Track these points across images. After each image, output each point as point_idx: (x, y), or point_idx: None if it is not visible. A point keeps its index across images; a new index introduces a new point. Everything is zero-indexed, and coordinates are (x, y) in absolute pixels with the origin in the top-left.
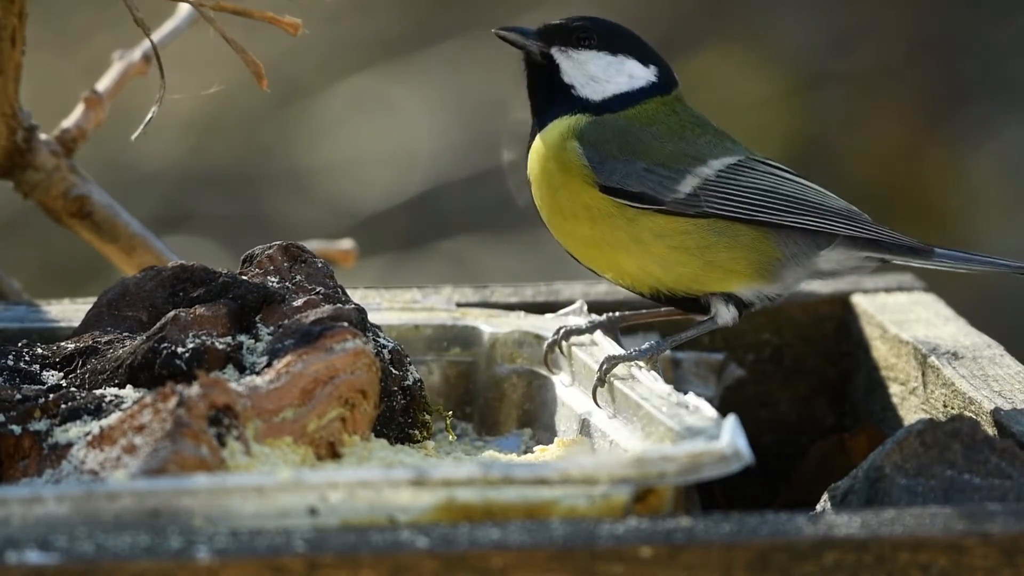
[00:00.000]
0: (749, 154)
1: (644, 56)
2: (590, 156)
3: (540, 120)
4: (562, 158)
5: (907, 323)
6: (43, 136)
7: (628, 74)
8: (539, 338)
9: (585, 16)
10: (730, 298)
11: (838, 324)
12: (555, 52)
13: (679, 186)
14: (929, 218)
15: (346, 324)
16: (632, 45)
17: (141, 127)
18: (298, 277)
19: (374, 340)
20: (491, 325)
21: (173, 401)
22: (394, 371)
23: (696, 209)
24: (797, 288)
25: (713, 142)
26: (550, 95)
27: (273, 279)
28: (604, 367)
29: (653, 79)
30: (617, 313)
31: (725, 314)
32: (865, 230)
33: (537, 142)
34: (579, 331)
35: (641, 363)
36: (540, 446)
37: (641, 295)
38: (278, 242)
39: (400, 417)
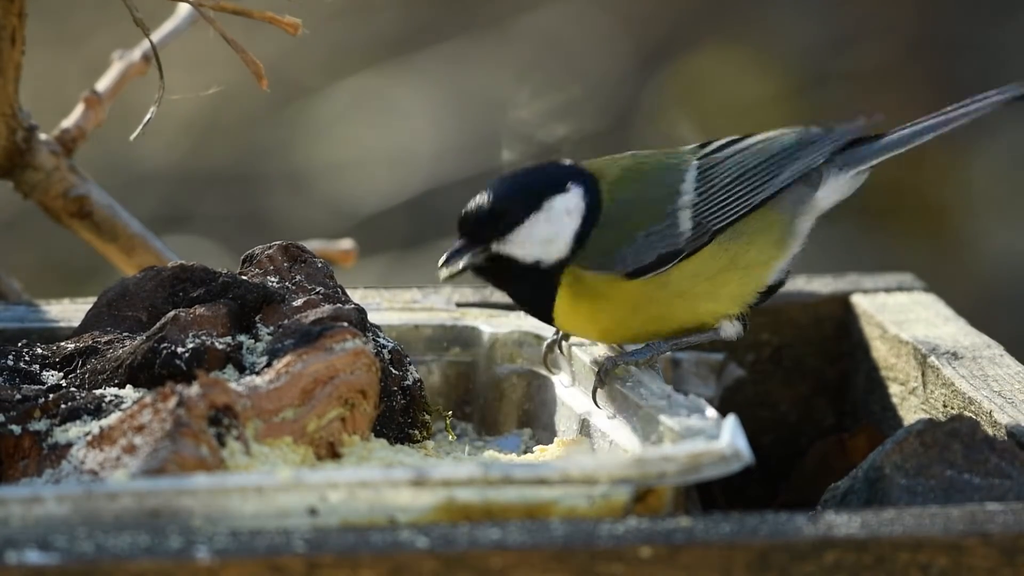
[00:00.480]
0: (688, 155)
1: (556, 183)
2: (601, 266)
3: (533, 297)
4: (586, 290)
5: (907, 323)
6: (43, 136)
7: (565, 212)
8: (539, 338)
9: (490, 193)
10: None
11: (838, 324)
12: (496, 248)
13: (680, 227)
14: (929, 218)
15: (346, 324)
16: (542, 185)
17: (140, 127)
18: (298, 277)
19: (374, 340)
20: (491, 325)
21: (173, 401)
22: (394, 371)
23: (708, 234)
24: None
25: (664, 175)
26: (521, 277)
27: (273, 279)
28: (604, 368)
29: (581, 188)
30: None
31: (729, 328)
32: (832, 141)
33: (558, 313)
34: None
35: (641, 363)
36: (540, 446)
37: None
38: (278, 242)
39: (400, 417)
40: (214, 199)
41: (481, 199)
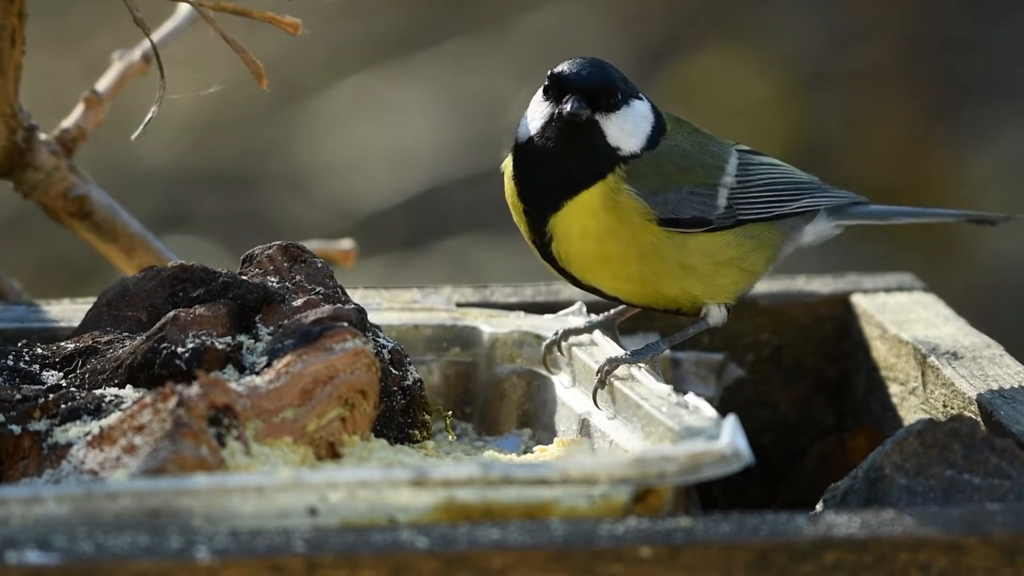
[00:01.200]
0: (728, 143)
1: (638, 92)
2: (645, 196)
3: (566, 178)
4: (617, 208)
5: (907, 323)
6: (43, 136)
7: (643, 116)
8: (539, 338)
9: (596, 66)
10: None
11: (838, 324)
12: (600, 119)
13: (718, 201)
14: None
15: (346, 324)
16: (630, 86)
17: (141, 127)
18: (298, 277)
19: (374, 340)
20: (491, 325)
21: (173, 401)
22: (394, 371)
23: (732, 219)
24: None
25: (717, 148)
26: (590, 156)
27: (273, 279)
28: (604, 369)
29: (652, 111)
30: (613, 311)
31: (717, 314)
32: (835, 196)
33: (574, 206)
34: (577, 331)
35: (641, 364)
36: (540, 446)
37: (651, 309)
38: (278, 242)
39: (400, 417)
40: (214, 199)
41: (594, 71)
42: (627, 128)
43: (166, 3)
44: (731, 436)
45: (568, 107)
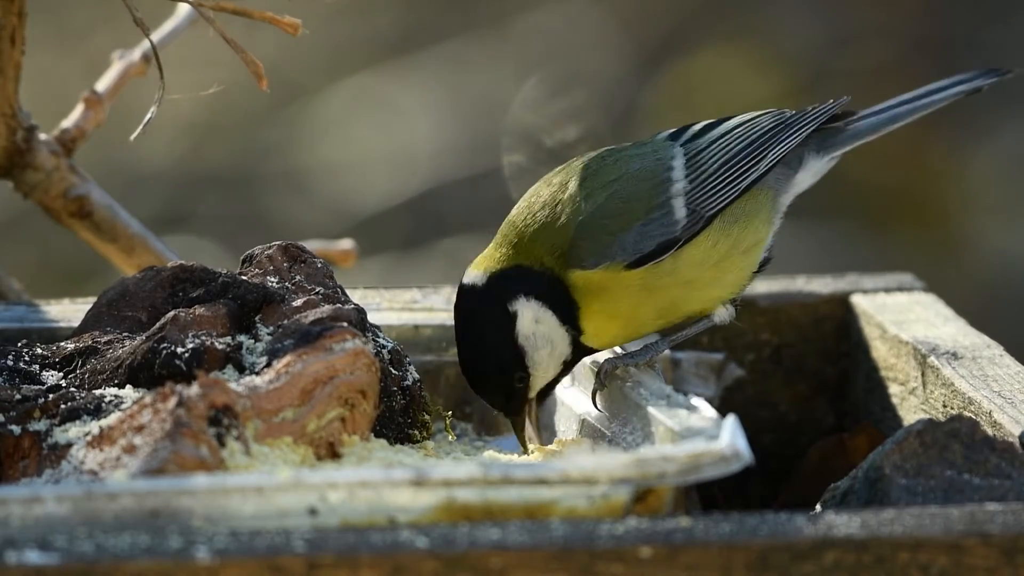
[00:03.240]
0: (667, 143)
1: (502, 320)
2: (601, 259)
3: (574, 354)
4: (594, 290)
5: (907, 323)
6: (43, 136)
7: (535, 320)
8: None
9: (475, 372)
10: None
11: (838, 324)
12: (529, 381)
13: (676, 215)
14: (929, 218)
15: (345, 324)
16: (497, 338)
17: (140, 127)
18: (298, 277)
19: (374, 340)
20: None
21: (173, 401)
22: (393, 371)
23: (702, 220)
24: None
25: (651, 164)
26: (569, 364)
27: (273, 279)
28: (604, 370)
29: (522, 294)
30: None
31: (723, 313)
32: (810, 122)
33: (584, 324)
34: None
35: (641, 364)
36: (539, 446)
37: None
38: (278, 242)
39: (400, 417)
40: (214, 199)
41: (481, 390)
42: (543, 358)
43: (166, 3)
44: (731, 436)
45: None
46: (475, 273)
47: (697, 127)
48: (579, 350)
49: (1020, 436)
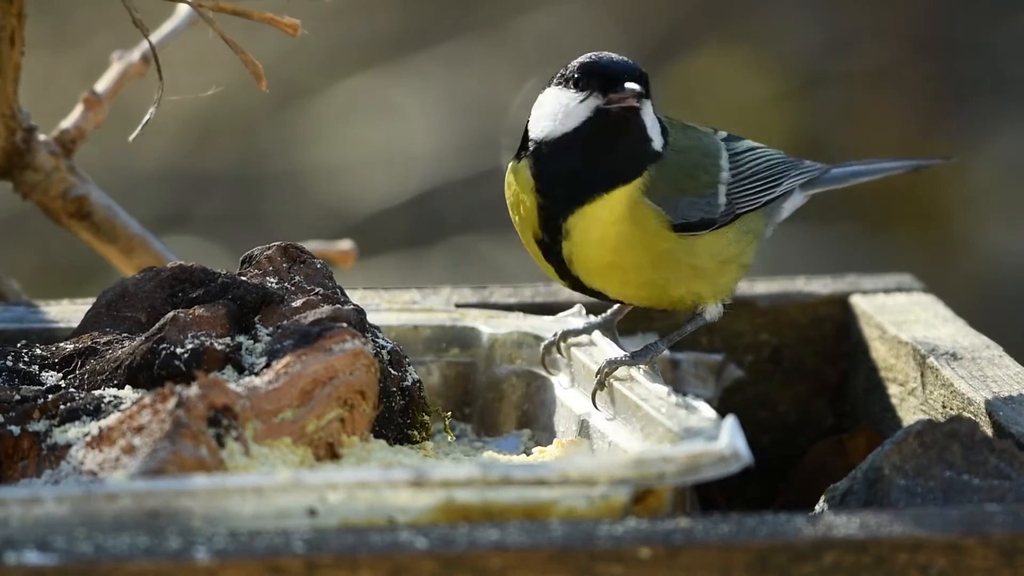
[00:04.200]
0: (715, 135)
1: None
2: (662, 205)
3: (597, 175)
4: (637, 217)
5: (906, 324)
6: (42, 137)
7: (652, 113)
8: (538, 339)
9: (621, 58)
10: None
11: (837, 325)
12: (645, 104)
13: (719, 199)
14: (929, 218)
15: (345, 325)
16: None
17: (139, 128)
18: (297, 278)
19: (373, 341)
20: (490, 326)
21: (172, 402)
22: (393, 372)
23: (731, 215)
24: None
25: (710, 145)
26: (630, 149)
27: (272, 280)
28: (604, 370)
29: (653, 106)
30: (610, 312)
31: (714, 310)
32: (807, 172)
33: (599, 207)
34: (576, 332)
35: (640, 365)
36: (539, 447)
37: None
38: (277, 243)
39: (399, 418)
40: (214, 199)
41: (628, 60)
42: (651, 122)
43: (166, 3)
44: (730, 437)
45: (626, 96)
46: None
47: (723, 133)
48: (554, 205)
49: (1019, 436)
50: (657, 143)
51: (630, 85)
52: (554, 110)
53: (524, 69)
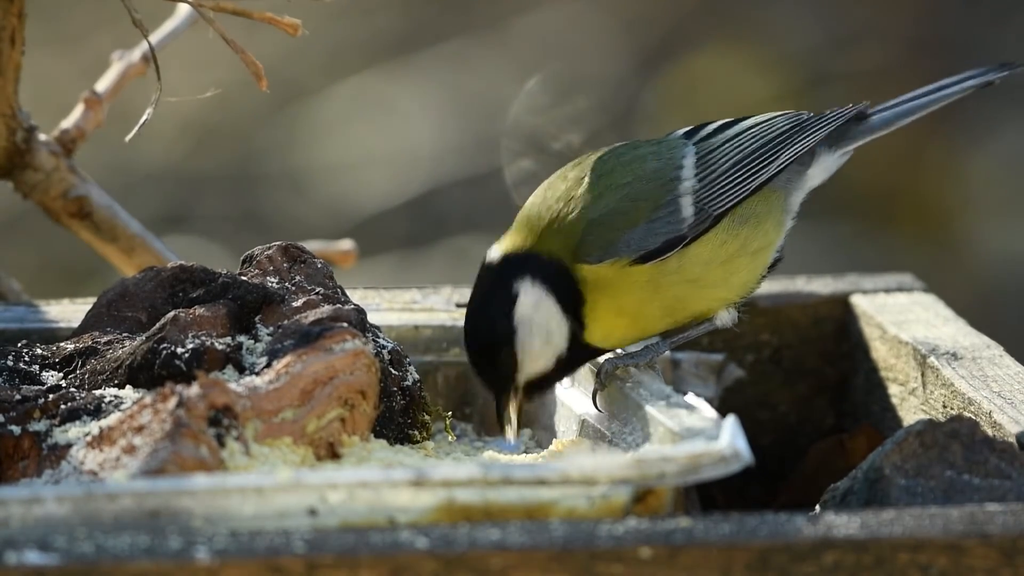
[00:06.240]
0: (681, 141)
1: (506, 299)
2: (607, 254)
3: (575, 355)
4: (600, 286)
5: (906, 324)
6: (42, 136)
7: (534, 306)
8: None
9: (474, 354)
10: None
11: (837, 325)
12: (522, 380)
13: (683, 213)
14: (929, 218)
15: (345, 325)
16: (497, 314)
17: (136, 128)
18: (297, 278)
19: (373, 341)
20: None
21: (172, 402)
22: (393, 371)
23: (710, 219)
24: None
25: (658, 161)
26: (568, 364)
27: (272, 280)
28: (604, 370)
29: (527, 279)
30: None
31: (725, 316)
32: (824, 126)
33: (589, 318)
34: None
35: (641, 365)
36: (540, 447)
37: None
38: (277, 243)
39: (399, 418)
40: (214, 199)
41: (473, 360)
42: (537, 346)
43: (166, 3)
44: (731, 437)
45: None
46: (494, 252)
47: (712, 126)
48: (580, 348)
49: (1019, 436)
50: (558, 327)
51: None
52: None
53: (524, 69)
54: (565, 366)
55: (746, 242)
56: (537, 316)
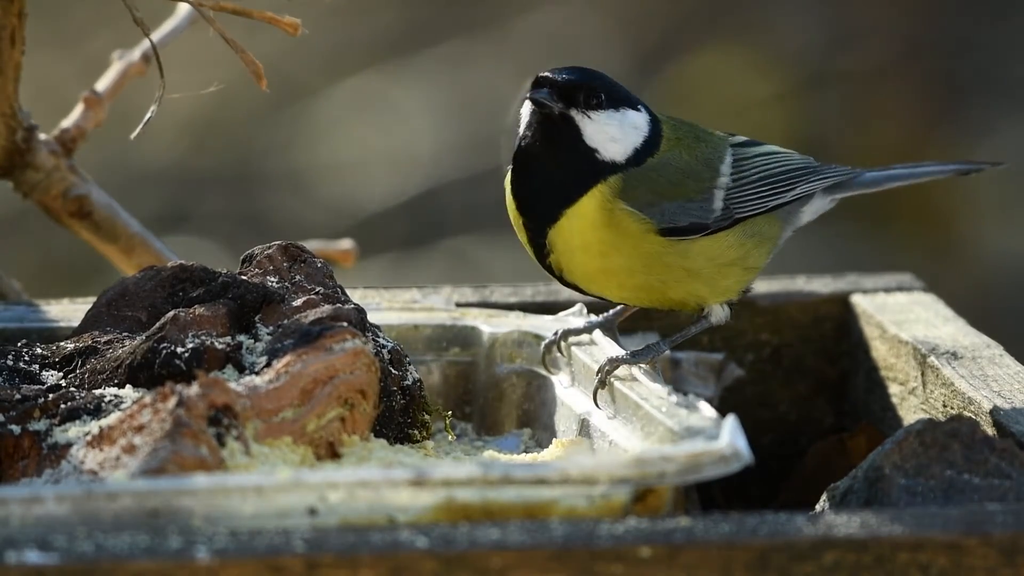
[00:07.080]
0: (723, 139)
1: (633, 102)
2: (640, 208)
3: (556, 185)
4: (615, 222)
5: (906, 323)
6: (43, 136)
7: (633, 126)
8: (539, 338)
9: (581, 69)
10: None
11: (838, 324)
12: (575, 114)
13: (714, 204)
14: (929, 218)
15: (345, 324)
16: (623, 94)
17: (139, 127)
18: (297, 277)
19: (373, 340)
20: (491, 325)
21: (172, 401)
22: (393, 371)
23: (730, 220)
24: None
25: (711, 153)
26: (570, 158)
27: (272, 279)
28: (604, 369)
29: (648, 121)
30: (612, 312)
31: (720, 312)
32: (832, 176)
33: (572, 218)
34: (577, 331)
35: (641, 365)
36: (539, 447)
37: (653, 309)
38: (277, 242)
39: (399, 417)
40: (214, 199)
41: (573, 70)
42: (609, 132)
43: (166, 3)
44: (731, 436)
45: (535, 96)
46: None
47: (741, 138)
48: (537, 227)
49: (1019, 436)
50: (610, 151)
51: (535, 95)
52: (521, 118)
53: (525, 69)
54: (561, 170)
55: (746, 255)
56: (632, 131)
